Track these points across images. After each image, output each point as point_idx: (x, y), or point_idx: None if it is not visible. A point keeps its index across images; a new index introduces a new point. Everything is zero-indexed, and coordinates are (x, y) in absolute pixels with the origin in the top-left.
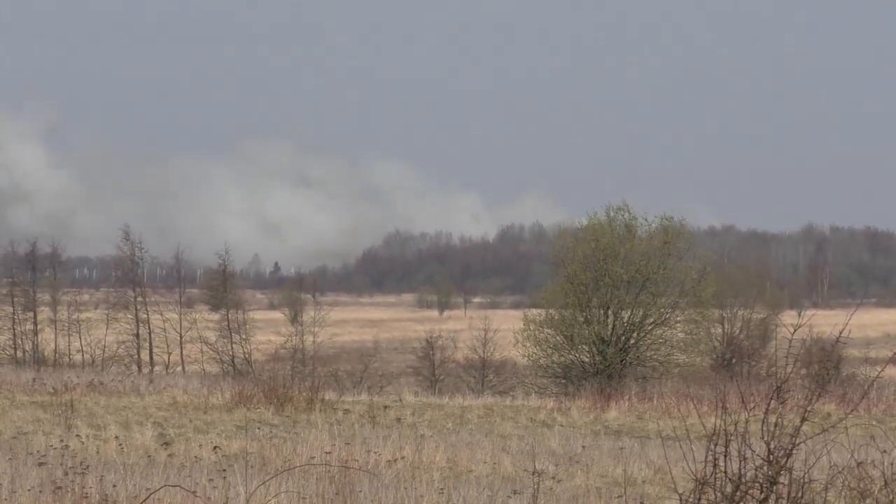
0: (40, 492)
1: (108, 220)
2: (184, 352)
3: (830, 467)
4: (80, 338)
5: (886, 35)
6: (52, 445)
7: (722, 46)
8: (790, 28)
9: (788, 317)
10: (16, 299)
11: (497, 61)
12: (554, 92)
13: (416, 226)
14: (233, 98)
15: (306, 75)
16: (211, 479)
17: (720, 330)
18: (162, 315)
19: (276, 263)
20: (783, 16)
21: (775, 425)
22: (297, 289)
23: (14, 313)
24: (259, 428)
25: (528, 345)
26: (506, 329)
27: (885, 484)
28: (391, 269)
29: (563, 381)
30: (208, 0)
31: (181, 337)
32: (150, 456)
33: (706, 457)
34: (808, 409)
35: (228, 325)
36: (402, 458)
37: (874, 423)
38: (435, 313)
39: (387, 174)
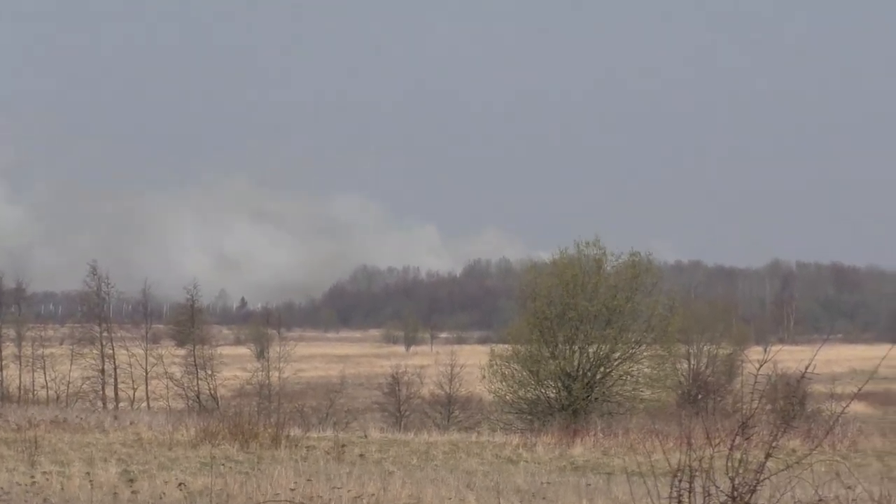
0: None
1: (66, 255)
2: (149, 388)
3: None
4: (44, 374)
5: (847, 74)
6: (16, 482)
7: (685, 82)
8: (756, 63)
9: (754, 352)
10: None
11: (450, 96)
12: (513, 125)
13: (373, 258)
14: (189, 132)
15: (261, 108)
16: None
17: (686, 365)
18: (128, 350)
19: (243, 298)
20: (748, 51)
21: (740, 461)
22: (263, 324)
23: None
24: (224, 464)
25: (494, 380)
26: (472, 364)
27: None
28: (358, 303)
29: (529, 416)
30: (163, 35)
31: (147, 373)
32: (114, 493)
33: (671, 493)
34: (773, 445)
35: (195, 361)
36: (367, 494)
37: (839, 459)
38: (401, 349)
39: (344, 207)
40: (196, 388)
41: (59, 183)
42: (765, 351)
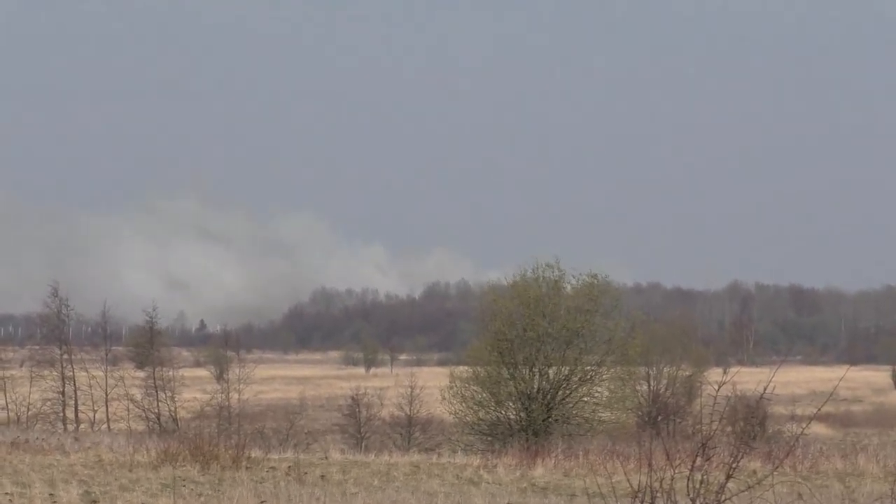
0: None
1: (12, 277)
2: (109, 409)
3: None
4: (4, 395)
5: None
6: None
7: (642, 94)
8: (709, 75)
9: (714, 374)
10: None
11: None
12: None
13: (321, 278)
14: (134, 153)
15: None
16: None
17: (646, 387)
18: (88, 372)
19: (202, 321)
20: (705, 64)
21: (701, 482)
22: (222, 346)
23: None
24: (185, 486)
25: (454, 402)
26: (432, 386)
27: None
28: (317, 325)
29: (490, 438)
30: (110, 53)
31: (107, 394)
32: None
33: None
34: (734, 465)
35: (154, 383)
36: None
37: (800, 480)
38: (361, 370)
39: (291, 227)
40: (156, 410)
41: (5, 203)
42: (724, 372)
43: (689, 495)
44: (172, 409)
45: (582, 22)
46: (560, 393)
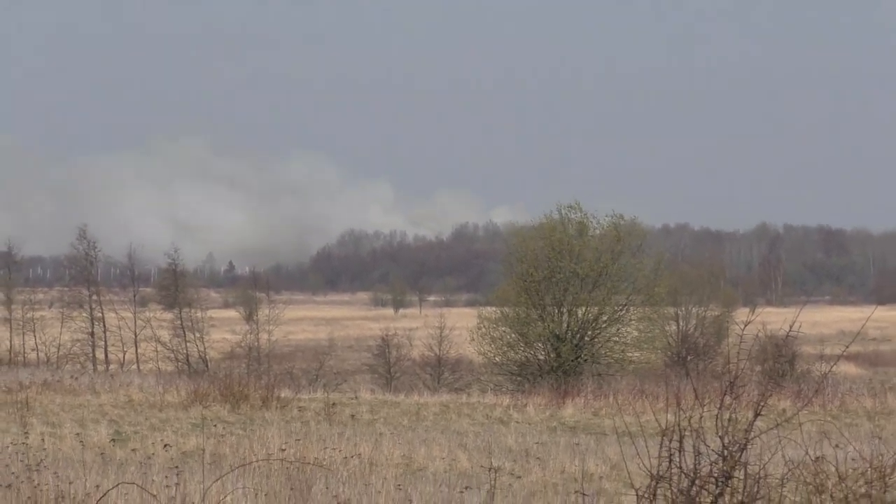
0: None
1: (23, 220)
2: (139, 350)
3: (785, 463)
4: (35, 336)
5: (837, 35)
6: (9, 443)
7: (673, 44)
8: (744, 27)
9: (742, 314)
10: None
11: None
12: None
13: (328, 219)
14: (142, 96)
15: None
16: (166, 477)
17: (675, 327)
18: (117, 313)
19: (231, 262)
20: (735, 14)
21: (729, 420)
22: (251, 287)
23: None
24: (215, 425)
25: (482, 342)
26: (461, 327)
27: (840, 479)
28: (345, 268)
29: (519, 378)
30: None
31: (136, 335)
32: (102, 454)
33: (660, 452)
34: (762, 404)
35: (182, 325)
36: (359, 455)
37: (829, 419)
38: (390, 311)
39: (300, 167)
40: (185, 351)
41: (6, 149)
42: (752, 312)
43: (717, 433)
44: (202, 349)
45: None
46: (589, 333)
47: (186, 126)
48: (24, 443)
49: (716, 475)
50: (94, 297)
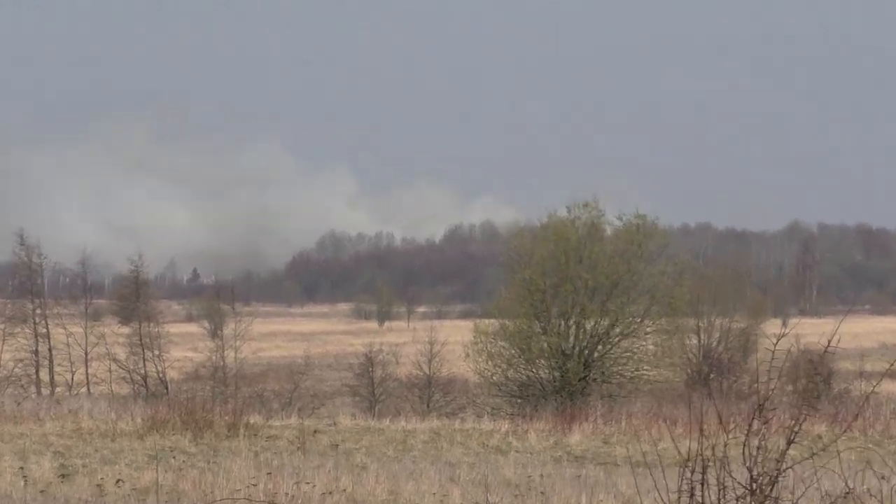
0: None
1: None
2: (90, 370)
3: (822, 496)
4: None
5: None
6: None
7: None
8: (772, 20)
9: (772, 325)
10: None
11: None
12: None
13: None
14: (82, 77)
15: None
16: None
17: (696, 341)
18: (65, 329)
19: (195, 270)
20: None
21: (758, 449)
22: (216, 298)
23: None
24: (174, 457)
25: (479, 359)
26: (454, 342)
27: None
28: (325, 274)
29: (520, 400)
30: None
31: (87, 354)
32: (45, 491)
33: (680, 486)
34: (796, 430)
35: (141, 341)
36: (338, 490)
37: (870, 445)
38: (374, 325)
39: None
40: (143, 371)
41: None
42: (784, 324)
43: (745, 464)
44: (160, 369)
45: None
46: (599, 348)
47: (125, 114)
48: None
49: None
50: (39, 311)
